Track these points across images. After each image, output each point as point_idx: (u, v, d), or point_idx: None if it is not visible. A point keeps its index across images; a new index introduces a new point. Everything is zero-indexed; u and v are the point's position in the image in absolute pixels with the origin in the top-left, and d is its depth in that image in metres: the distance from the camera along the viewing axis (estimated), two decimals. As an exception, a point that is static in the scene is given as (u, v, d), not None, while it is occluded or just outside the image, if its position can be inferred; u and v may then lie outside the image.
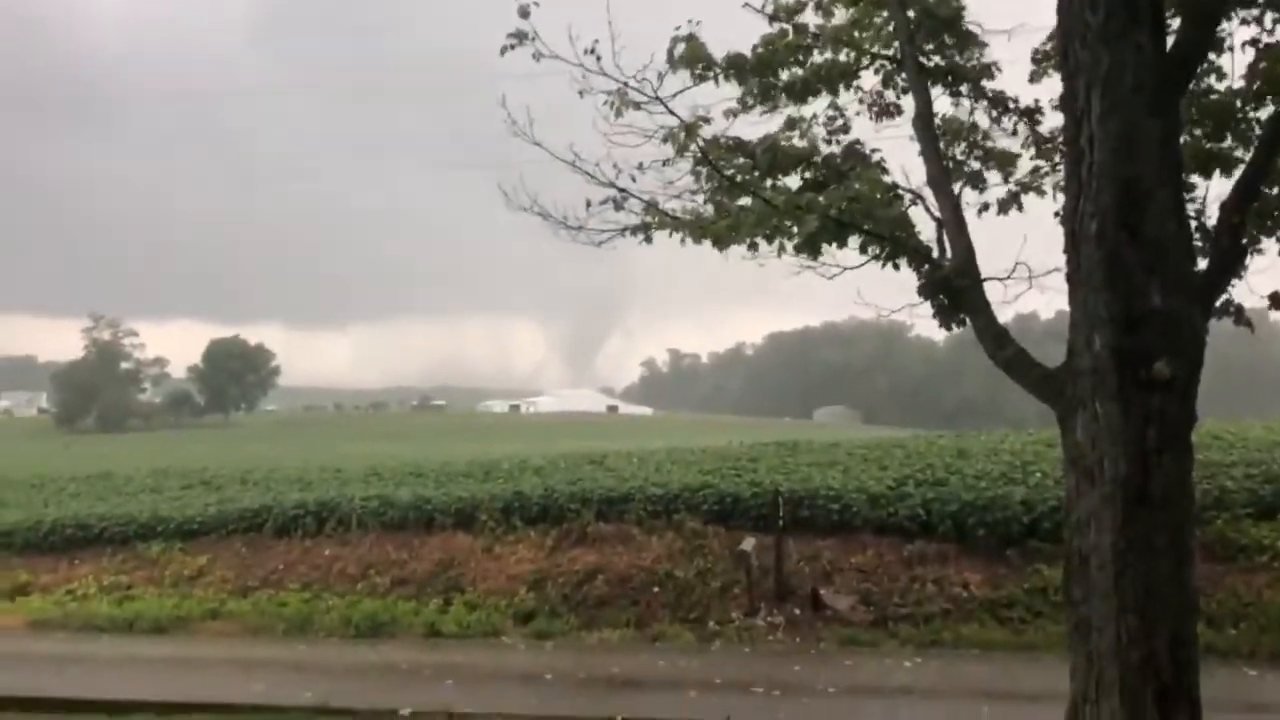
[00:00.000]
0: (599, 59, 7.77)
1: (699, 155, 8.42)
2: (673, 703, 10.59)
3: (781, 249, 7.95)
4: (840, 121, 9.14)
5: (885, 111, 9.09)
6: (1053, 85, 8.32)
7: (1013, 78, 8.76)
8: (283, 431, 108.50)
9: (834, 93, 9.10)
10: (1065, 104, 5.00)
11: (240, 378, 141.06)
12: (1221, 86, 7.77)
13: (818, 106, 9.16)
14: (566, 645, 13.44)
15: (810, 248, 7.63)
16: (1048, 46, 8.53)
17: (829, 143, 9.01)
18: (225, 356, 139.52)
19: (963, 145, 8.81)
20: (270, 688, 11.54)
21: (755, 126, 8.96)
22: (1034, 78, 8.71)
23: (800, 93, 9.02)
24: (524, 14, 7.46)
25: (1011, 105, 8.72)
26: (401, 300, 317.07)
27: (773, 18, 9.07)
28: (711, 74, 8.80)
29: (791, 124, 9.11)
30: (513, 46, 7.71)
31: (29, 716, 10.26)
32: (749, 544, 14.35)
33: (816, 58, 9.08)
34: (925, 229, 7.54)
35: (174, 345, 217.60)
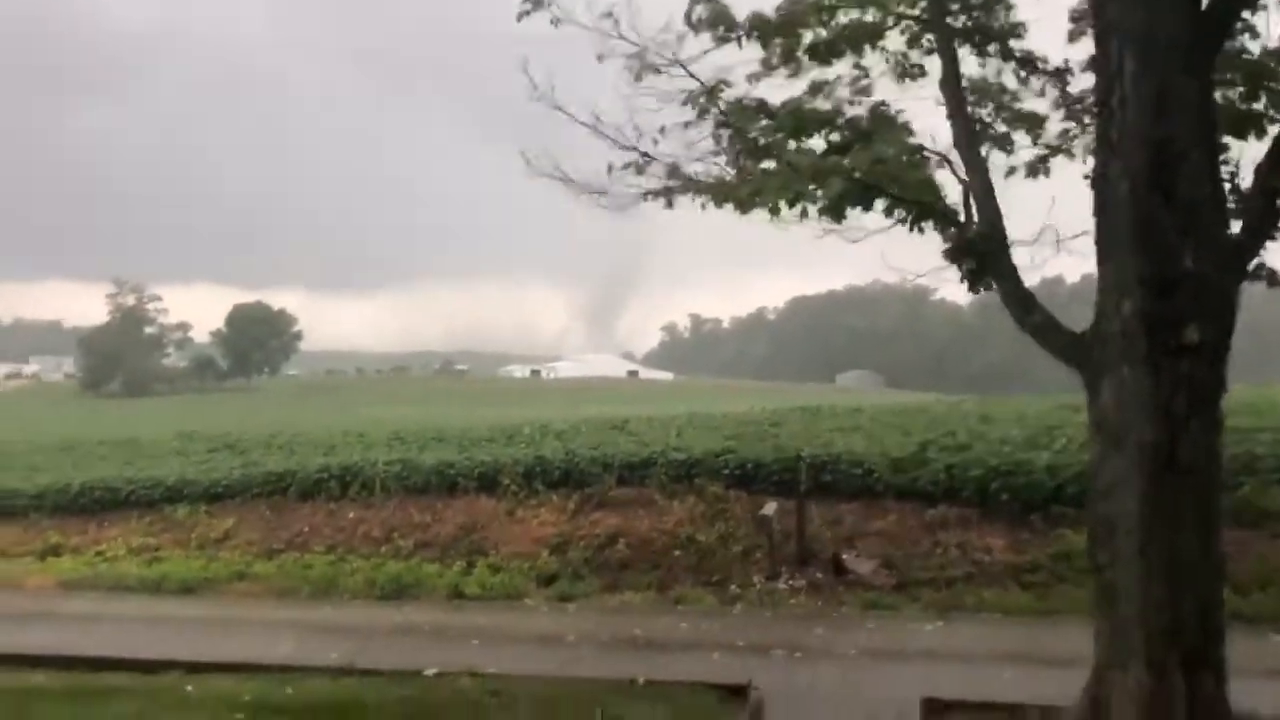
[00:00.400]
0: (617, 23, 7.70)
1: (721, 118, 8.34)
2: (694, 665, 10.65)
3: (805, 213, 7.89)
4: (864, 83, 9.01)
5: (910, 73, 8.96)
6: (1081, 46, 8.19)
7: (1040, 38, 8.61)
8: (305, 395, 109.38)
9: (858, 54, 8.95)
10: (1097, 64, 4.93)
11: (263, 342, 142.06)
12: (1255, 46, 7.61)
13: (841, 68, 9.03)
14: (588, 608, 13.53)
15: (835, 211, 7.57)
16: (1085, 6, 8.37)
17: (853, 105, 8.89)
18: (248, 321, 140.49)
19: (990, 107, 8.68)
20: (296, 648, 11.68)
21: (778, 89, 8.86)
22: (1072, 37, 8.53)
23: (824, 54, 8.87)
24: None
25: (1040, 66, 8.58)
26: (423, 265, 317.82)
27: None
28: (734, 35, 8.69)
29: (815, 87, 8.99)
30: (529, 11, 7.66)
31: (60, 675, 10.44)
32: (771, 508, 14.37)
33: (841, 18, 8.93)
34: (952, 192, 7.47)
35: (197, 310, 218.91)
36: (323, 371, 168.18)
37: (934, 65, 8.27)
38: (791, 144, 8.47)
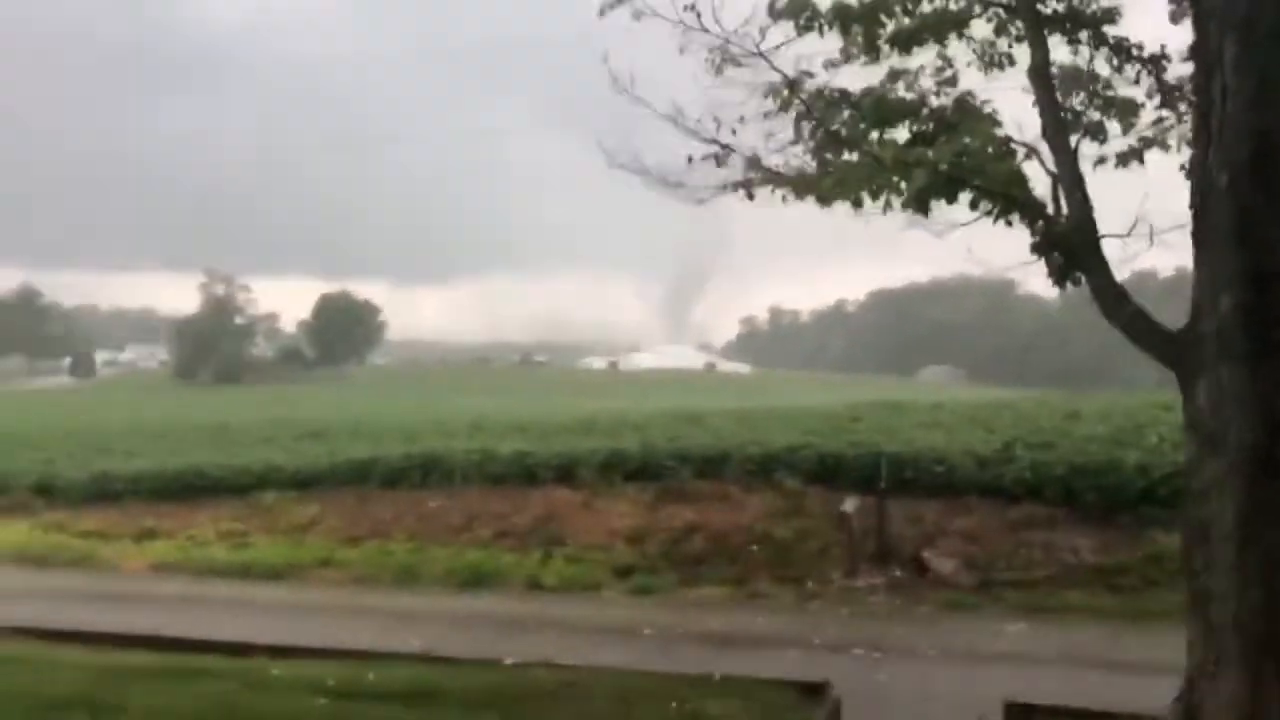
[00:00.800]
0: (699, 15, 7.65)
1: (803, 110, 8.24)
2: (771, 662, 10.59)
3: (888, 205, 7.75)
4: (949, 72, 8.80)
5: (997, 62, 8.73)
6: (1181, 30, 7.89)
7: (1135, 22, 8.31)
8: (389, 385, 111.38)
9: (942, 42, 8.75)
10: (1196, 51, 4.74)
11: (348, 332, 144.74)
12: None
13: (924, 57, 8.83)
14: (665, 601, 13.54)
15: (919, 204, 7.42)
16: None
17: (938, 95, 8.69)
18: (334, 311, 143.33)
19: (1081, 95, 8.41)
20: (378, 634, 11.90)
21: (857, 78, 8.71)
22: (1174, 18, 8.21)
23: (906, 42, 8.69)
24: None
25: (1135, 53, 8.28)
26: (503, 257, 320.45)
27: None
28: (815, 24, 8.56)
29: (895, 75, 8.81)
30: (612, 5, 7.65)
31: (154, 654, 10.77)
32: (850, 505, 14.22)
33: (926, 5, 8.73)
34: (1040, 184, 7.27)
35: (285, 301, 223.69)
36: (408, 361, 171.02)
37: (1022, 53, 8.06)
38: (874, 135, 8.32)
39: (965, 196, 7.33)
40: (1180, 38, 7.77)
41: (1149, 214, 7.17)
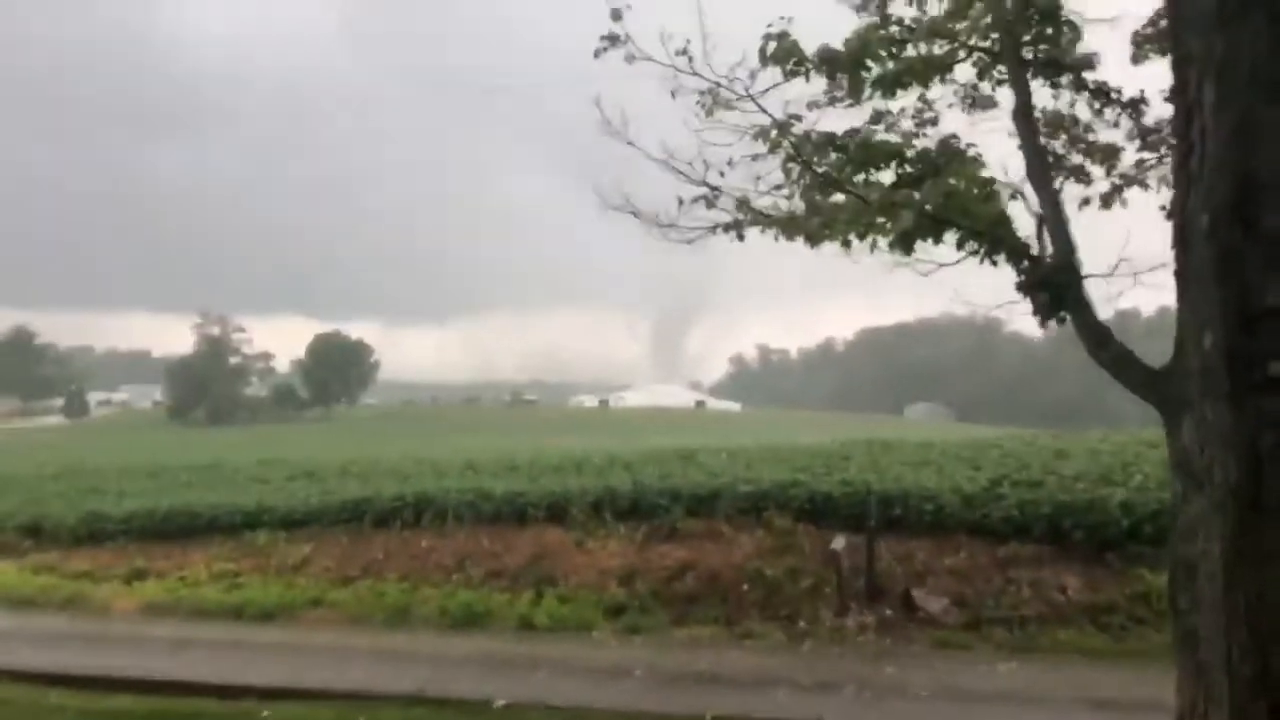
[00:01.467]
0: (690, 59, 7.74)
1: (791, 152, 8.31)
2: (763, 701, 10.49)
3: (875, 245, 7.80)
4: (929, 115, 8.91)
5: (980, 104, 8.84)
6: (1153, 73, 8.00)
7: (1114, 68, 8.44)
8: (382, 424, 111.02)
9: (925, 86, 8.87)
10: (1175, 95, 4.77)
11: (342, 372, 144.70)
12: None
13: (908, 100, 8.94)
14: (656, 640, 13.43)
15: (905, 244, 7.47)
16: (1148, 30, 8.18)
17: (919, 136, 8.79)
18: (328, 351, 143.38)
19: (1064, 138, 8.52)
20: (369, 675, 11.78)
21: (841, 120, 8.81)
22: (1135, 59, 8.34)
23: (890, 85, 8.81)
24: (616, 17, 7.48)
25: (1114, 96, 8.40)
26: (495, 297, 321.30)
27: (860, 8, 8.89)
28: (802, 70, 8.66)
29: (877, 118, 8.92)
30: (606, 49, 7.72)
31: (143, 698, 10.64)
32: (840, 543, 14.15)
33: (911, 51, 8.86)
34: (1024, 225, 7.33)
35: (279, 341, 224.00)
36: (399, 401, 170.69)
37: (1005, 96, 8.17)
38: (860, 177, 8.39)
39: (951, 237, 7.39)
40: (1152, 78, 7.88)
41: (1131, 254, 7.24)
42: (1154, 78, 7.93)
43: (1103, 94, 8.38)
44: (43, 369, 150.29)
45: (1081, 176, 8.40)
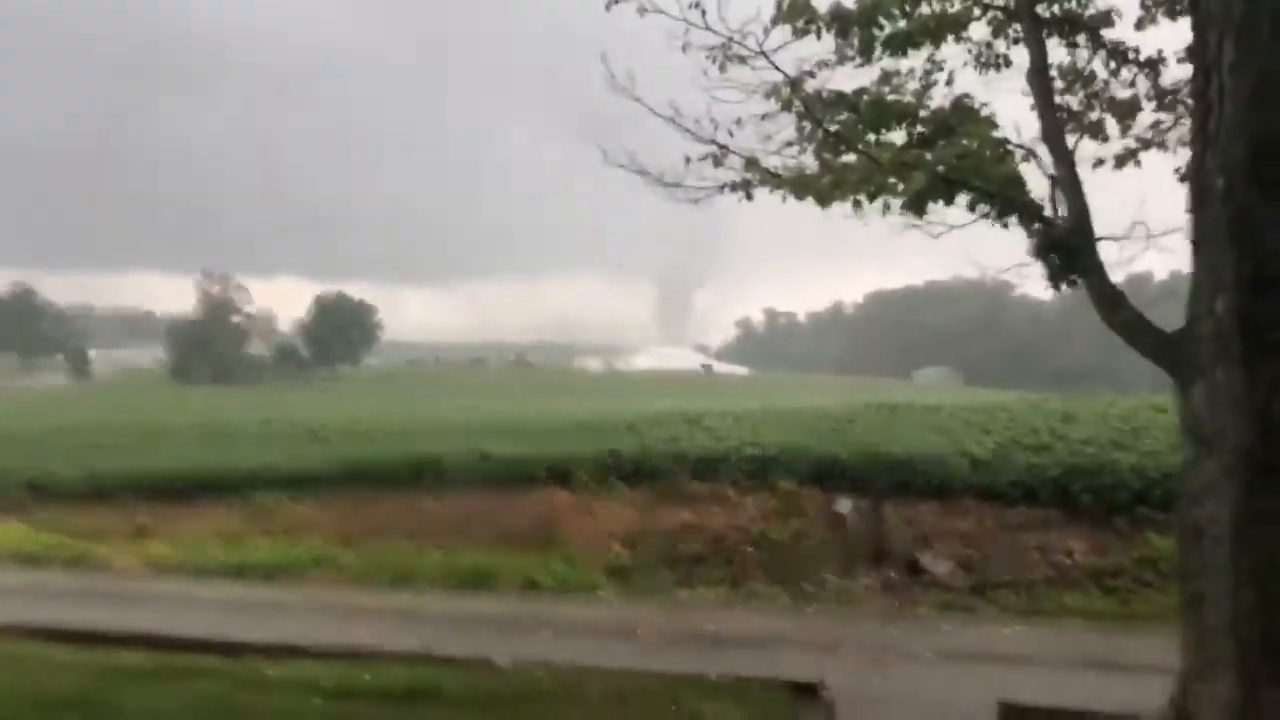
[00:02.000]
0: (704, 13, 7.67)
1: (802, 110, 8.25)
2: (767, 662, 10.61)
3: (886, 207, 7.77)
4: (939, 74, 8.82)
5: (994, 63, 8.76)
6: (1170, 33, 7.93)
7: (1131, 27, 8.34)
8: (385, 386, 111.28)
9: (936, 45, 8.78)
10: (1194, 54, 4.76)
11: (345, 332, 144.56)
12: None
13: (920, 59, 8.85)
14: (661, 602, 13.54)
15: (916, 206, 7.44)
16: None
17: (928, 94, 8.70)
18: (330, 312, 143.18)
19: (1080, 94, 8.45)
20: (374, 634, 11.90)
21: (852, 79, 8.74)
22: (1140, 24, 8.25)
23: (902, 44, 8.72)
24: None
25: (1131, 55, 8.32)
26: (500, 258, 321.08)
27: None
28: (814, 28, 8.58)
29: (886, 77, 8.84)
30: (617, 0, 7.66)
31: (147, 654, 10.77)
32: (846, 506, 14.25)
33: (924, 8, 8.76)
34: (1037, 186, 7.30)
35: (281, 301, 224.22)
36: (403, 362, 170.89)
37: (1019, 55, 8.09)
38: (872, 137, 8.34)
39: (963, 198, 7.36)
40: (1169, 37, 7.82)
41: (1145, 216, 7.21)
42: (1171, 38, 7.86)
43: (1120, 53, 8.30)
44: (42, 326, 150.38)
45: (1098, 133, 8.32)
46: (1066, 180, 6.78)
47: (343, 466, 18.79)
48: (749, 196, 8.62)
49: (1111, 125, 8.39)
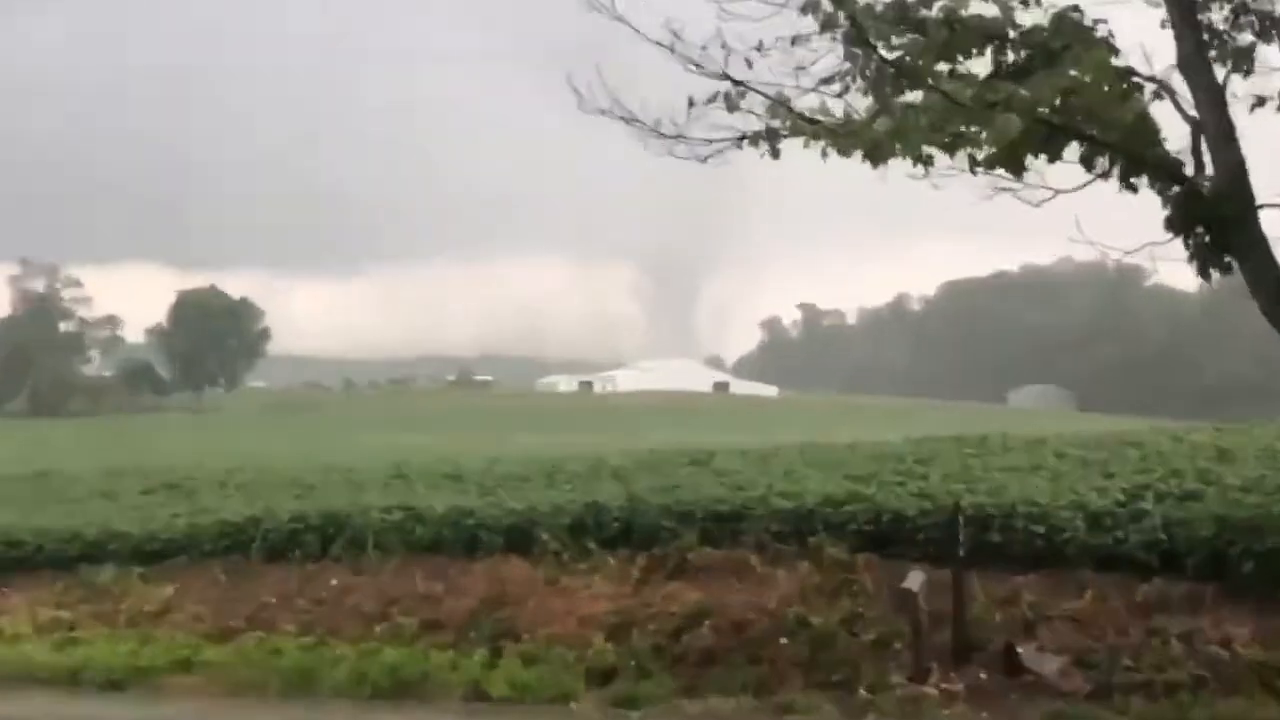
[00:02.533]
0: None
1: (850, 31, 8.24)
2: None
3: (970, 163, 7.77)
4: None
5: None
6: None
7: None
8: (276, 416, 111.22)
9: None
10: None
11: (219, 343, 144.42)
12: None
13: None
14: (660, 716, 13.51)
15: (1009, 161, 7.44)
16: None
17: (1022, 7, 8.65)
18: (198, 314, 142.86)
19: (1226, 9, 8.43)
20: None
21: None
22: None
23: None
24: None
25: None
26: (435, 239, 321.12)
27: None
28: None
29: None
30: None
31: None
32: (916, 580, 14.22)
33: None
34: (1174, 134, 7.31)
35: (128, 298, 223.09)
36: (299, 384, 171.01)
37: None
38: (945, 67, 8.34)
39: (1072, 151, 7.36)
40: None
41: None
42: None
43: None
44: None
45: (1245, 63, 8.24)
46: (1215, 125, 6.80)
47: (215, 529, 18.74)
48: (775, 152, 8.62)
49: (1273, 52, 8.37)
